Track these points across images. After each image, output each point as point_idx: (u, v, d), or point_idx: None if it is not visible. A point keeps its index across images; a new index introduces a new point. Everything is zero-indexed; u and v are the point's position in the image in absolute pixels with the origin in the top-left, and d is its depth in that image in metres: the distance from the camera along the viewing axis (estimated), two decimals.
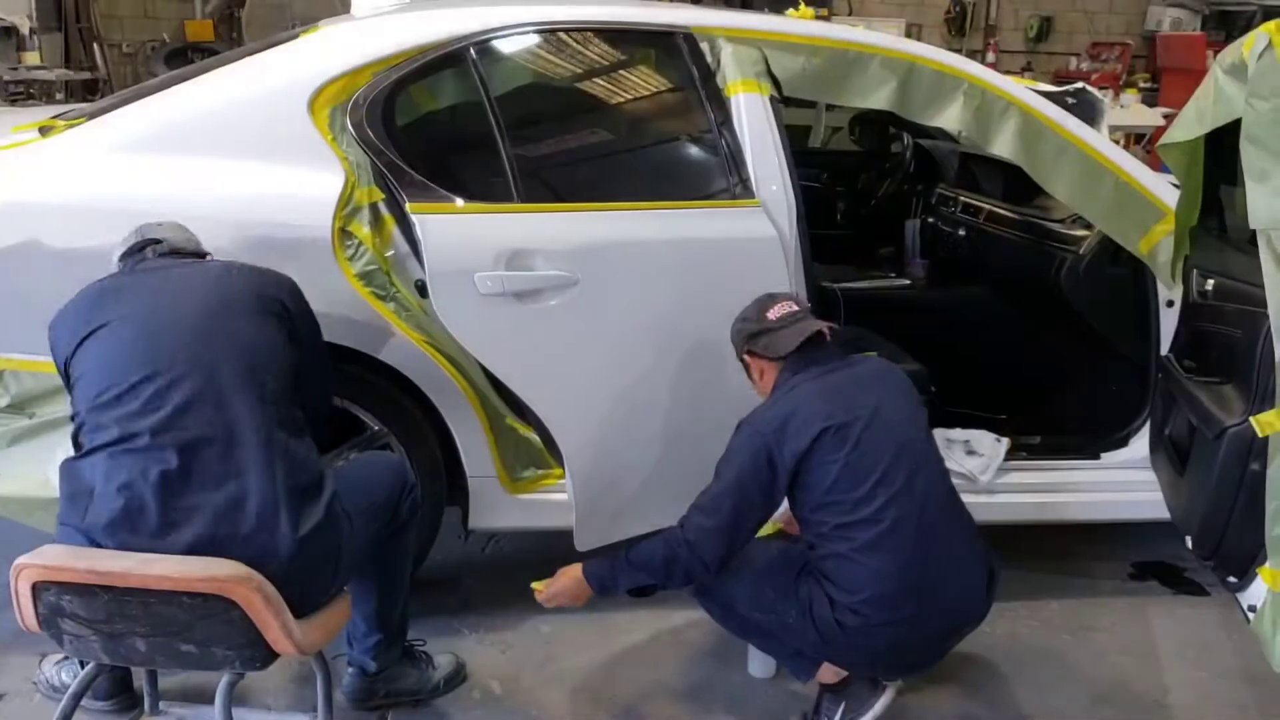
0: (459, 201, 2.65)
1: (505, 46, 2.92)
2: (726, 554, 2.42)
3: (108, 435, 2.04)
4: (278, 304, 2.27)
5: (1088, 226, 3.32)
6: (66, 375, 2.22)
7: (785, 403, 2.43)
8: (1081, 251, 3.32)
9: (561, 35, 3.00)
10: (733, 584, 2.50)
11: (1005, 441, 3.25)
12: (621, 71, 3.16)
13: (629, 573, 2.47)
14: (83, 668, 2.20)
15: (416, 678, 2.68)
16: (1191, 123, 2.60)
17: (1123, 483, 3.24)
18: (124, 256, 2.37)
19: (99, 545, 1.99)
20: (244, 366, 2.12)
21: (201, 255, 2.42)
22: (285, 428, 2.13)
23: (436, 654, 2.76)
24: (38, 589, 1.95)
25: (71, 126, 2.81)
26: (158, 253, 2.35)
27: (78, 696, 2.10)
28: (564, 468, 2.71)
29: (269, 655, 1.99)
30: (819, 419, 2.36)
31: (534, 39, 2.98)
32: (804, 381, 2.45)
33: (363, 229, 2.69)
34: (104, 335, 2.14)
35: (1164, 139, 2.73)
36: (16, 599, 1.98)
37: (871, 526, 2.33)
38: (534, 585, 2.61)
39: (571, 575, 2.53)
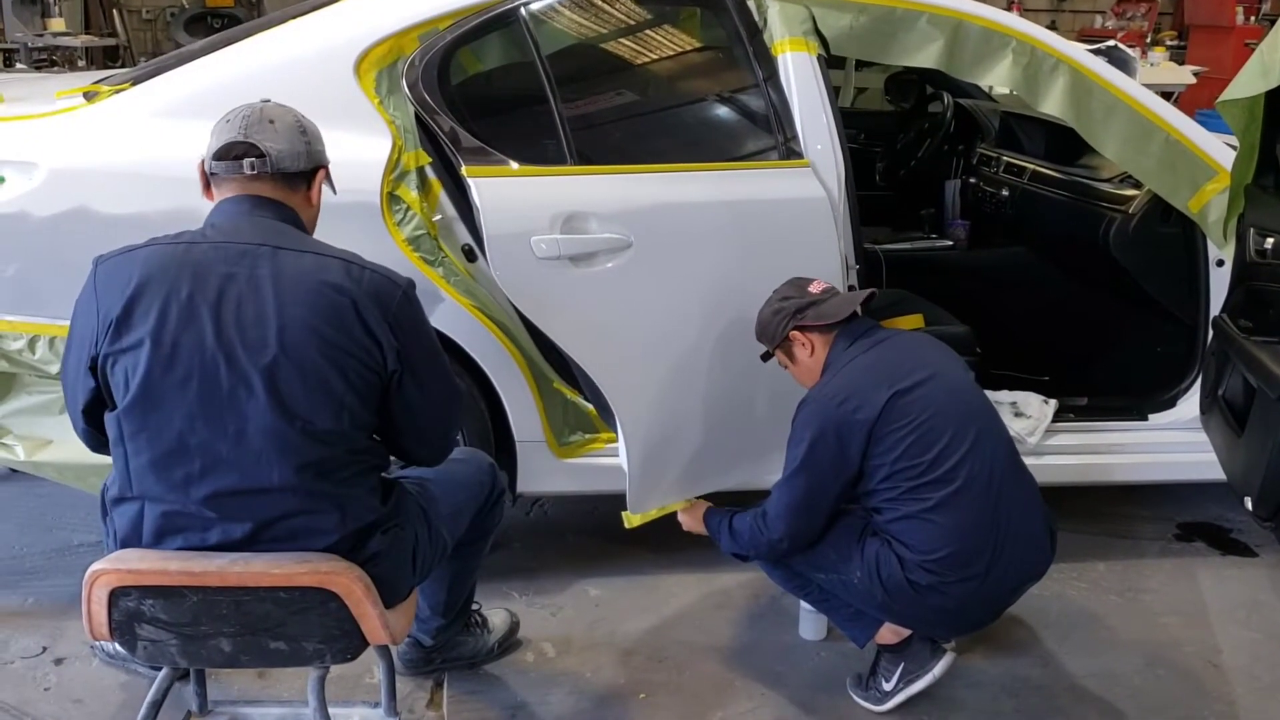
0: (513, 164, 2.63)
1: (556, 5, 2.89)
2: (804, 533, 2.45)
3: (158, 490, 1.87)
4: (369, 344, 1.88)
5: (1137, 185, 3.29)
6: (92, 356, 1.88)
7: (845, 376, 2.41)
8: (1131, 211, 3.29)
9: None
10: None
11: (1053, 403, 3.23)
12: (669, 30, 3.12)
13: (728, 539, 2.58)
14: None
15: (472, 645, 2.68)
16: (1256, 78, 2.56)
17: (1171, 444, 3.23)
18: (220, 156, 1.96)
19: None
20: (308, 447, 1.86)
21: (312, 171, 2.04)
22: (352, 481, 1.93)
23: (490, 612, 2.77)
24: (115, 594, 1.84)
25: (117, 92, 2.79)
26: (258, 170, 1.94)
27: (156, 705, 2.02)
28: (616, 432, 2.71)
29: (360, 646, 1.95)
30: (884, 386, 2.35)
31: None
32: (859, 354, 2.44)
33: (410, 193, 2.67)
34: (157, 354, 1.83)
35: (1224, 95, 2.69)
36: (88, 605, 1.87)
37: (944, 486, 2.33)
38: (678, 505, 2.81)
39: (698, 513, 2.72)
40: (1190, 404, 3.21)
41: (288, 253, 1.90)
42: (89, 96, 2.81)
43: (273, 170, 1.96)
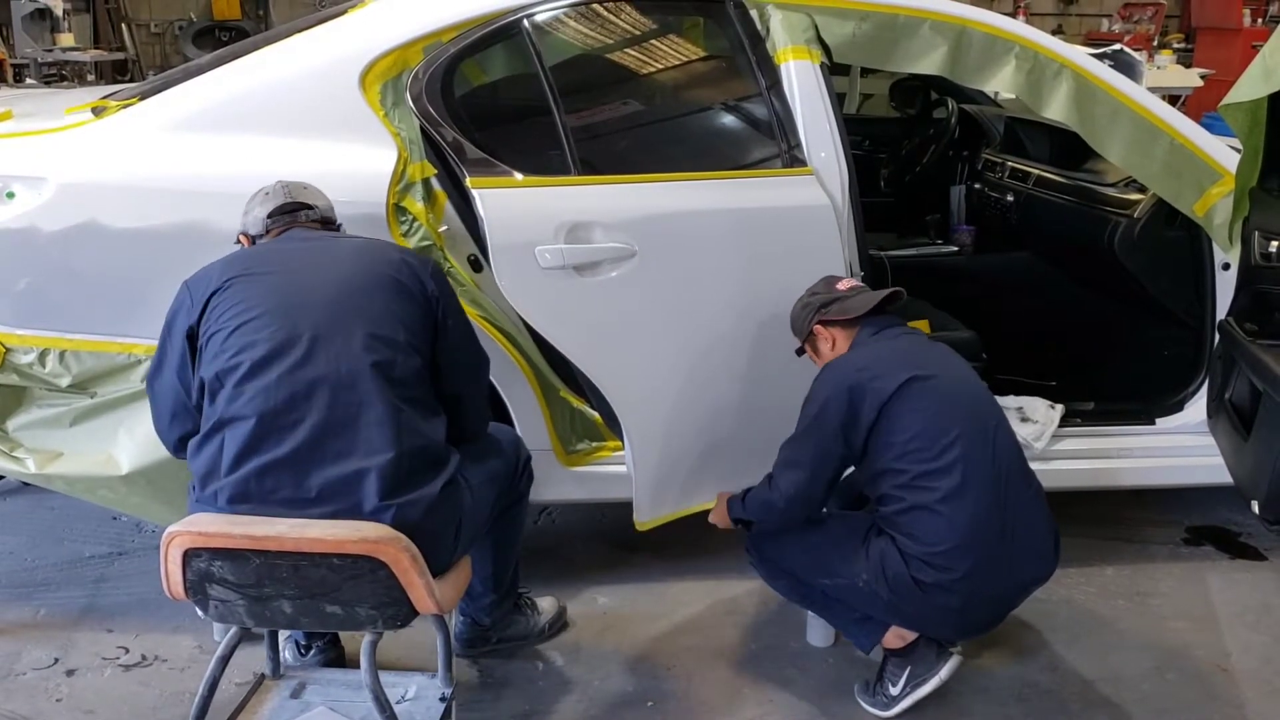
0: (518, 175, 2.65)
1: (558, 17, 2.91)
2: (802, 498, 2.48)
3: (239, 409, 2.07)
4: (418, 284, 2.24)
5: (1142, 190, 3.29)
6: (192, 335, 2.20)
7: (867, 350, 2.49)
8: (1136, 215, 3.29)
9: (612, 3, 2.99)
10: (797, 552, 2.54)
11: (1059, 408, 3.23)
12: (672, 40, 3.14)
13: (739, 507, 2.63)
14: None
15: (524, 624, 2.83)
16: (1258, 81, 2.56)
17: (1178, 448, 3.22)
18: (274, 214, 2.37)
19: None
20: (373, 345, 2.12)
21: (336, 225, 2.46)
22: (411, 405, 2.14)
23: (539, 598, 2.88)
24: (189, 556, 2.00)
25: (125, 107, 2.82)
26: (310, 218, 2.38)
27: (224, 660, 2.13)
28: (623, 440, 2.72)
29: (410, 614, 2.07)
30: (905, 368, 2.41)
31: (586, 8, 2.96)
32: (882, 340, 2.50)
33: (416, 204, 2.69)
34: (240, 302, 2.15)
35: (1226, 99, 2.69)
36: (165, 567, 2.02)
37: (951, 475, 2.35)
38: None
39: (723, 507, 2.72)
40: (1197, 408, 3.20)
41: (346, 238, 2.39)
42: (97, 111, 2.83)
43: (321, 219, 2.42)
